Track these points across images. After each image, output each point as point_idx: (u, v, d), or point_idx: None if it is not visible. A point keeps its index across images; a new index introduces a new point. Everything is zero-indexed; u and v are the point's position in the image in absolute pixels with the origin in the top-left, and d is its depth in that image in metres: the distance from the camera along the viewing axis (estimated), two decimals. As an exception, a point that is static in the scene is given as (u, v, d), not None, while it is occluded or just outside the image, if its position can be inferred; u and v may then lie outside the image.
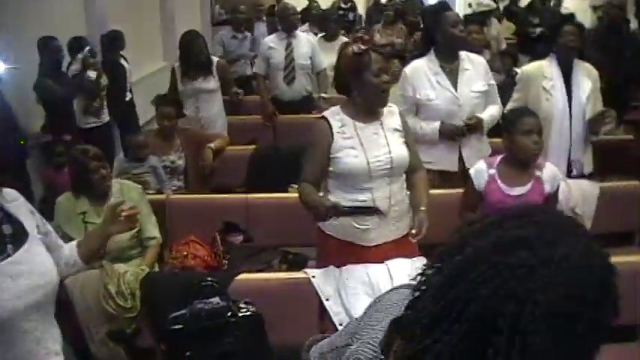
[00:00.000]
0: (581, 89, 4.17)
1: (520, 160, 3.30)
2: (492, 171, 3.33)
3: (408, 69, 4.15)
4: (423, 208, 3.11)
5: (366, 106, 3.06)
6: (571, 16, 4.46)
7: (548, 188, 3.33)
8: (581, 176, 4.23)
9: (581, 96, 4.15)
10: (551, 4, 15.88)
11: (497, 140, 4.42)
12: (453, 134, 4.03)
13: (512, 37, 10.66)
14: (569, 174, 4.12)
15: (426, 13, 4.38)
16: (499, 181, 3.30)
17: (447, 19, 4.07)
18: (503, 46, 8.49)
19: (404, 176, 3.20)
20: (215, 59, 5.71)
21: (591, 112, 4.17)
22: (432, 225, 3.11)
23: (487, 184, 3.32)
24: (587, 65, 4.30)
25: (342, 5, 13.25)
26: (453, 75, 4.08)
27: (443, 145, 4.06)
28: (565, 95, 4.15)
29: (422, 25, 6.80)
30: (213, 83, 5.50)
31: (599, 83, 4.35)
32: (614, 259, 0.97)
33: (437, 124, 4.01)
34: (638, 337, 3.28)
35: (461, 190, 3.78)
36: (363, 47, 2.96)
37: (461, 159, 4.12)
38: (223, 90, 5.71)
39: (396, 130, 3.13)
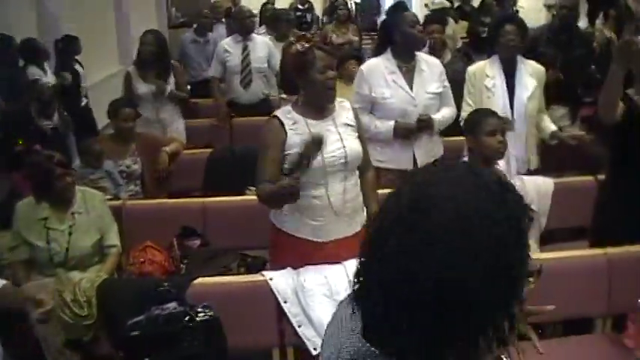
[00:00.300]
0: (523, 87, 4.26)
1: (485, 160, 3.34)
2: None
3: (364, 67, 4.19)
4: None
5: (315, 104, 3.09)
6: (513, 15, 4.54)
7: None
8: (527, 173, 4.31)
9: (523, 94, 4.24)
10: (505, 2, 16.11)
11: (452, 139, 4.54)
12: (408, 133, 4.07)
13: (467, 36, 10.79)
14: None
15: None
16: None
17: (406, 19, 4.13)
18: (459, 44, 8.60)
19: (357, 172, 3.22)
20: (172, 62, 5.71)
21: (534, 111, 4.28)
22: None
23: None
24: (533, 63, 4.39)
25: (299, 6, 13.27)
26: (409, 75, 4.12)
27: (397, 144, 4.10)
28: (506, 94, 4.24)
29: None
30: (170, 87, 5.50)
31: (547, 81, 4.46)
32: (566, 254, 1.03)
33: (391, 123, 4.04)
34: (594, 328, 3.35)
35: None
36: (306, 45, 2.98)
37: (414, 158, 4.17)
38: (179, 88, 5.71)
39: (349, 125, 3.15)
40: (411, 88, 4.10)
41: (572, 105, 5.54)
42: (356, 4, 15.69)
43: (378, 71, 4.10)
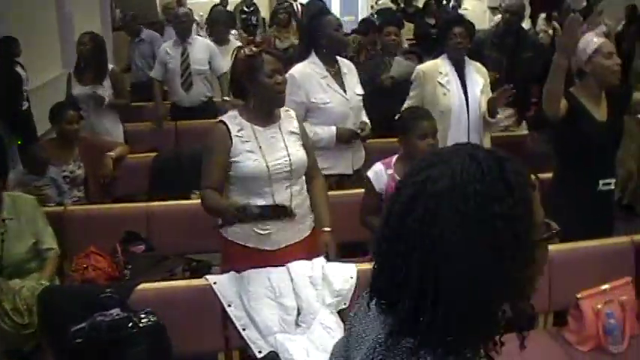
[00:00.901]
0: (474, 84, 4.38)
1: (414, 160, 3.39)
2: (390, 171, 3.41)
3: (296, 73, 4.07)
4: (327, 229, 3.21)
5: (263, 109, 3.09)
6: (460, 18, 4.63)
7: None
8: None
9: (475, 90, 4.36)
10: (451, 5, 16.38)
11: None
12: (350, 138, 4.11)
13: (413, 38, 10.92)
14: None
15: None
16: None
17: (331, 22, 4.15)
18: (405, 46, 8.69)
19: (303, 177, 3.24)
20: (110, 66, 5.63)
21: (485, 103, 4.35)
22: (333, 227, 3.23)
23: (388, 184, 3.39)
24: (477, 64, 4.54)
25: (245, 9, 13.24)
26: (337, 78, 4.16)
27: (336, 149, 4.13)
28: (460, 89, 4.35)
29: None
30: (105, 90, 5.42)
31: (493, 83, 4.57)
32: None
33: (333, 129, 4.06)
34: (536, 324, 3.44)
35: (355, 191, 3.94)
36: (255, 49, 3.00)
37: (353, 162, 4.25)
38: (119, 95, 5.62)
39: (294, 133, 3.17)
40: (345, 91, 4.14)
41: (519, 107, 5.67)
42: (301, 5, 15.75)
43: (311, 76, 4.08)
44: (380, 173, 3.43)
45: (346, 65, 4.28)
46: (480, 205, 1.06)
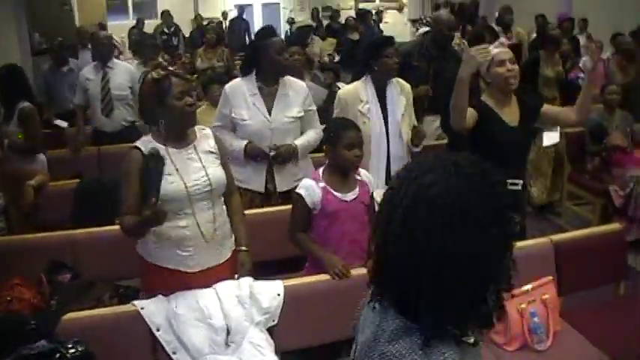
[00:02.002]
0: (396, 107, 4.41)
1: (342, 170, 3.46)
2: (322, 184, 3.45)
3: (228, 87, 4.24)
4: (244, 249, 3.25)
5: (175, 131, 3.10)
6: (389, 38, 4.69)
7: (370, 188, 3.56)
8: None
9: (397, 114, 4.40)
10: (373, 19, 16.64)
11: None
12: (256, 156, 4.15)
13: (334, 53, 11.06)
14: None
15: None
16: (333, 192, 3.42)
17: (274, 45, 4.18)
18: (326, 60, 8.83)
19: (223, 199, 3.26)
20: (23, 104, 5.36)
21: (407, 127, 4.44)
22: (256, 243, 3.24)
23: (323, 197, 3.42)
24: (400, 81, 4.56)
25: (165, 30, 13.18)
26: (270, 98, 4.20)
27: (251, 166, 4.17)
28: (381, 117, 4.38)
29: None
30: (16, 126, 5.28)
31: (418, 95, 4.66)
32: None
33: (243, 143, 4.12)
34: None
35: (279, 209, 4.03)
36: (162, 73, 3.01)
37: (272, 181, 4.27)
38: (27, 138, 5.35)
39: (211, 152, 3.19)
40: (270, 112, 4.17)
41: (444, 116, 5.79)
42: (230, 22, 15.80)
43: (240, 92, 4.16)
44: (312, 188, 3.45)
45: (292, 87, 4.30)
46: (475, 203, 1.23)
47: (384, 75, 4.42)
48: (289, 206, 3.73)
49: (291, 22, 17.16)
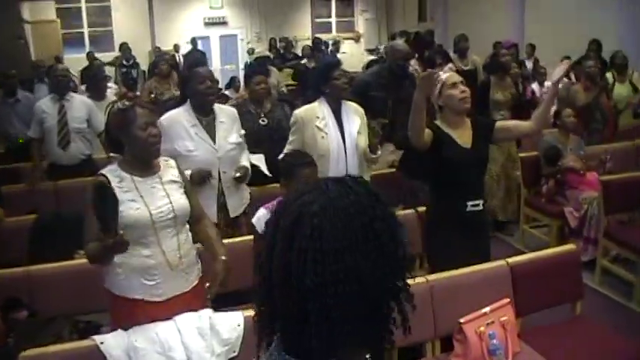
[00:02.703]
0: (352, 124, 4.51)
1: None
2: None
3: (164, 121, 4.12)
4: (223, 258, 3.25)
5: (140, 160, 3.12)
6: (337, 60, 4.79)
7: None
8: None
9: (353, 131, 4.49)
10: (329, 49, 16.84)
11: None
12: (205, 178, 4.15)
13: (293, 83, 11.16)
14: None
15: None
16: None
17: (196, 76, 4.23)
18: (283, 90, 8.89)
19: (188, 227, 3.27)
20: None
21: (364, 144, 4.52)
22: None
23: None
24: (353, 104, 4.67)
25: (124, 62, 13.17)
26: (210, 127, 4.24)
27: (200, 196, 4.15)
28: (338, 131, 4.47)
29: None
30: None
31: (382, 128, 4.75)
32: None
33: (187, 172, 4.07)
34: (424, 352, 3.57)
35: (239, 239, 4.05)
36: (127, 103, 3.05)
37: (223, 209, 4.29)
38: None
39: (174, 181, 3.22)
40: (214, 140, 4.21)
41: (399, 142, 5.87)
42: (183, 56, 15.82)
43: (178, 124, 4.16)
44: (264, 217, 3.47)
45: (226, 114, 4.36)
46: (358, 212, 1.18)
47: (336, 96, 4.53)
48: (249, 237, 3.74)
49: (251, 52, 17.25)
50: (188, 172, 4.06)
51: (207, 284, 3.17)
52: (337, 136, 4.46)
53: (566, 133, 6.41)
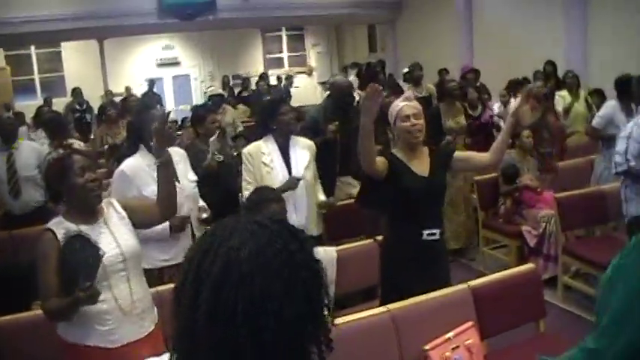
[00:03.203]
0: (299, 160, 4.60)
1: None
2: None
3: (126, 168, 4.11)
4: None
5: (82, 208, 3.08)
6: (284, 96, 4.84)
7: None
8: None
9: (300, 165, 4.57)
10: (282, 84, 16.95)
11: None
12: (183, 224, 4.11)
13: (249, 119, 11.17)
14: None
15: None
16: None
17: (153, 117, 4.18)
18: (240, 129, 8.88)
19: (142, 271, 3.23)
20: None
21: (312, 178, 4.63)
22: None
23: None
24: (303, 139, 4.77)
25: (77, 107, 13.06)
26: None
27: (175, 239, 4.12)
28: (284, 166, 4.55)
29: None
30: None
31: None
32: (355, 317, 1.20)
33: (166, 225, 4.00)
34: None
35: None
36: (62, 152, 3.03)
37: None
38: None
39: (120, 220, 3.17)
40: (177, 180, 4.17)
41: (356, 173, 5.92)
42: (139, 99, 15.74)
43: (141, 170, 4.10)
44: None
45: (176, 154, 4.33)
46: (286, 260, 1.18)
47: (284, 132, 4.61)
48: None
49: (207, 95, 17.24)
50: (166, 224, 4.01)
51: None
52: (283, 170, 4.53)
53: (525, 153, 6.53)
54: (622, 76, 7.01)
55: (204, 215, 4.34)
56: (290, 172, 4.53)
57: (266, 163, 4.51)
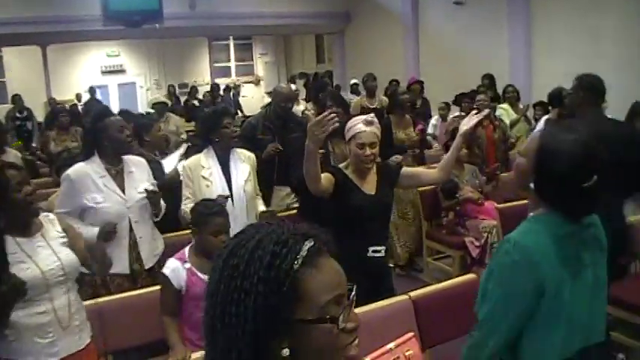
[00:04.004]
0: (239, 173, 4.56)
1: (209, 255, 3.43)
2: (188, 265, 3.41)
3: (72, 172, 4.04)
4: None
5: (19, 221, 3.02)
6: (227, 109, 4.80)
7: None
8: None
9: (240, 179, 4.53)
10: (231, 93, 16.87)
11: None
12: (111, 233, 4.03)
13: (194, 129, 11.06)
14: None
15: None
16: (198, 273, 3.38)
17: (114, 124, 4.13)
18: (184, 137, 8.78)
19: (76, 285, 3.19)
20: None
21: (252, 191, 4.60)
22: (120, 329, 3.12)
23: (188, 279, 3.38)
24: (243, 152, 4.73)
25: (17, 115, 12.76)
26: (119, 178, 4.14)
27: (111, 248, 4.04)
28: (224, 180, 4.51)
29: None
30: None
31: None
32: None
33: (95, 230, 3.96)
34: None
35: (148, 290, 3.88)
36: None
37: (137, 259, 4.16)
38: None
39: (59, 237, 3.13)
40: (123, 191, 4.11)
41: (294, 187, 5.90)
42: (83, 106, 15.52)
43: (87, 176, 4.03)
44: (177, 270, 3.41)
45: (135, 163, 4.28)
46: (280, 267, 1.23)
47: (225, 145, 4.56)
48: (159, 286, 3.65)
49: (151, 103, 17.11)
50: (94, 230, 3.96)
51: None
52: (222, 184, 4.49)
53: (461, 165, 6.58)
54: (554, 89, 7.18)
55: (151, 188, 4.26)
56: (230, 186, 4.48)
57: (205, 177, 4.47)
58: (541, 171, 2.16)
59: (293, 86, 10.27)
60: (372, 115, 3.96)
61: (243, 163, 4.60)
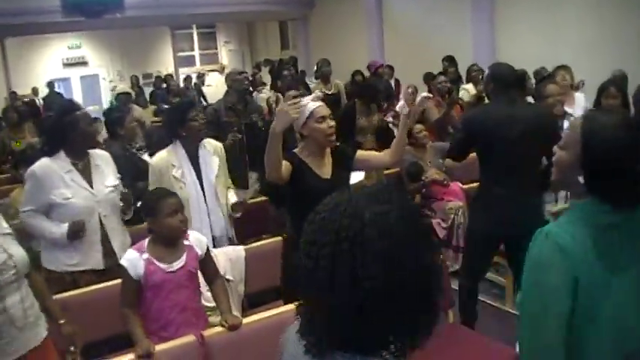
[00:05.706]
0: (209, 169, 4.48)
1: (170, 240, 3.39)
2: (146, 255, 3.35)
3: (37, 169, 3.95)
4: (61, 322, 3.17)
5: None
6: (193, 101, 4.73)
7: (199, 252, 3.50)
8: (228, 243, 4.49)
9: (211, 176, 4.47)
10: (193, 82, 16.73)
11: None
12: (79, 232, 3.96)
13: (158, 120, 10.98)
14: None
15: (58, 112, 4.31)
16: (157, 262, 3.33)
17: (84, 118, 4.07)
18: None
19: (27, 281, 3.08)
20: None
21: (223, 187, 4.54)
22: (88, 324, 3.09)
23: (146, 269, 3.32)
24: (211, 141, 4.64)
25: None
26: (86, 172, 4.07)
27: (83, 244, 3.98)
28: (196, 179, 4.43)
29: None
30: None
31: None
32: (264, 315, 1.33)
33: (65, 226, 3.90)
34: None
35: (110, 284, 3.85)
36: None
37: (110, 254, 4.09)
38: None
39: (7, 234, 3.04)
40: (91, 185, 4.04)
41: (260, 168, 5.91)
42: (43, 100, 15.30)
43: (52, 172, 3.95)
44: (135, 260, 3.35)
45: (100, 157, 4.21)
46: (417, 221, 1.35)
47: (193, 138, 4.47)
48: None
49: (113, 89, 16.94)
50: (63, 227, 3.91)
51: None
52: (195, 183, 4.42)
53: (422, 147, 6.58)
54: (517, 71, 7.20)
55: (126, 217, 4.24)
56: (202, 184, 4.41)
57: (177, 177, 4.36)
58: (591, 160, 1.92)
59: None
60: (319, 92, 3.99)
61: (212, 157, 4.51)
